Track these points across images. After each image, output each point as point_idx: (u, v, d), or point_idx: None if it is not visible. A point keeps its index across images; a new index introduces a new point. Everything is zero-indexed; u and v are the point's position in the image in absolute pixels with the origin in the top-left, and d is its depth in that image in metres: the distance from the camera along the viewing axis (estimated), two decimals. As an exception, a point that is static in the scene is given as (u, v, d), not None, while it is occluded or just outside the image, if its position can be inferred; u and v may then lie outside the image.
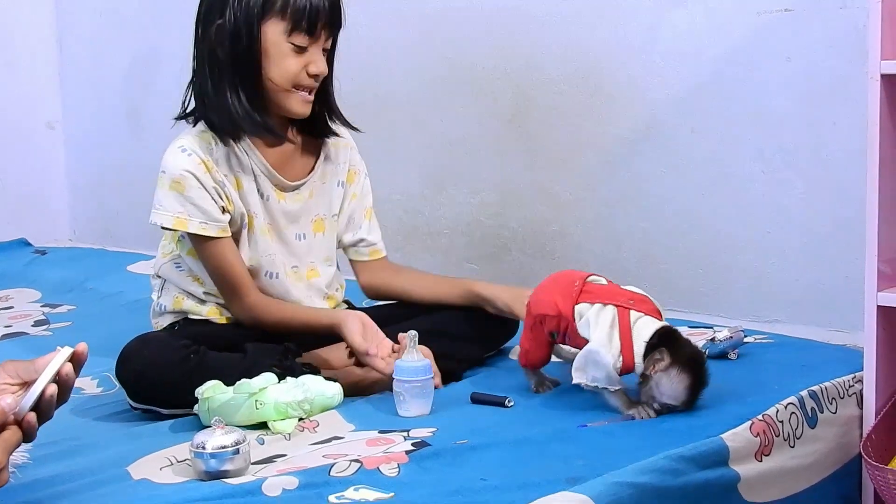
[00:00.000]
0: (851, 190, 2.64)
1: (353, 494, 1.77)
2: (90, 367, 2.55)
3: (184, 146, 2.38)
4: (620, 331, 2.09)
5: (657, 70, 2.96)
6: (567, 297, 2.16)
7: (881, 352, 2.20)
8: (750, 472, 1.99)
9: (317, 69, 2.37)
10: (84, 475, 1.90)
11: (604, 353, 2.08)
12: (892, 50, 2.13)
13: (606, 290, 2.15)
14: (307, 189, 2.50)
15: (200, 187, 2.35)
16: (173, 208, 2.35)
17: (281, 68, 2.36)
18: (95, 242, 4.24)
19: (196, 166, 2.36)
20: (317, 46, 2.38)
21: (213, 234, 2.36)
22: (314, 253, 2.52)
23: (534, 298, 2.23)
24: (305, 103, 2.41)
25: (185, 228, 2.35)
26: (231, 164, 2.41)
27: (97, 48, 4.23)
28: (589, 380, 2.10)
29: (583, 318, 2.12)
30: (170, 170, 2.37)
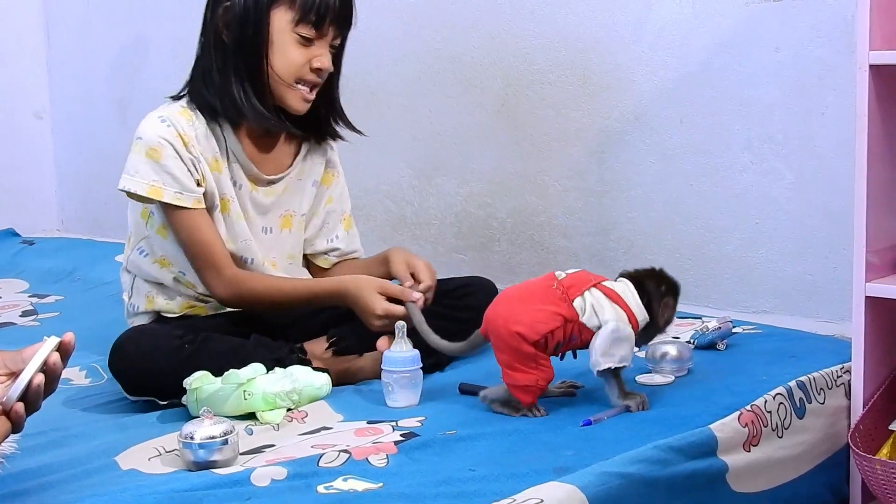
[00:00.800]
0: (840, 180, 2.65)
1: (342, 485, 1.77)
2: (78, 358, 2.56)
3: (163, 116, 2.36)
4: (617, 303, 2.07)
5: (645, 60, 2.96)
6: (558, 301, 2.07)
7: (869, 342, 2.20)
8: (738, 463, 1.99)
9: (321, 64, 2.35)
10: (72, 465, 1.90)
11: (623, 326, 2.06)
12: (881, 40, 2.13)
13: (579, 278, 2.11)
14: (282, 184, 2.48)
15: (177, 157, 2.32)
16: (148, 177, 2.31)
17: (285, 58, 2.35)
18: (83, 233, 4.23)
19: (174, 137, 2.33)
20: (323, 42, 2.36)
21: (188, 204, 2.32)
22: (277, 248, 2.49)
23: (523, 325, 2.05)
24: (304, 101, 2.39)
25: (159, 197, 2.31)
26: (209, 144, 2.38)
27: (85, 37, 4.22)
28: (618, 361, 2.05)
29: (585, 312, 2.07)
30: (147, 137, 2.33)
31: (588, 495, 1.71)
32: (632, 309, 2.08)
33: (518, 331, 2.05)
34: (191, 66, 2.45)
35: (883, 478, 2.08)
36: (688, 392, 2.16)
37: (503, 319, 2.08)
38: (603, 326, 2.05)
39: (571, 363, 2.20)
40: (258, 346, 2.27)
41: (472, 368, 2.39)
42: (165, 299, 2.43)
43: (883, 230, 2.21)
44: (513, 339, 2.05)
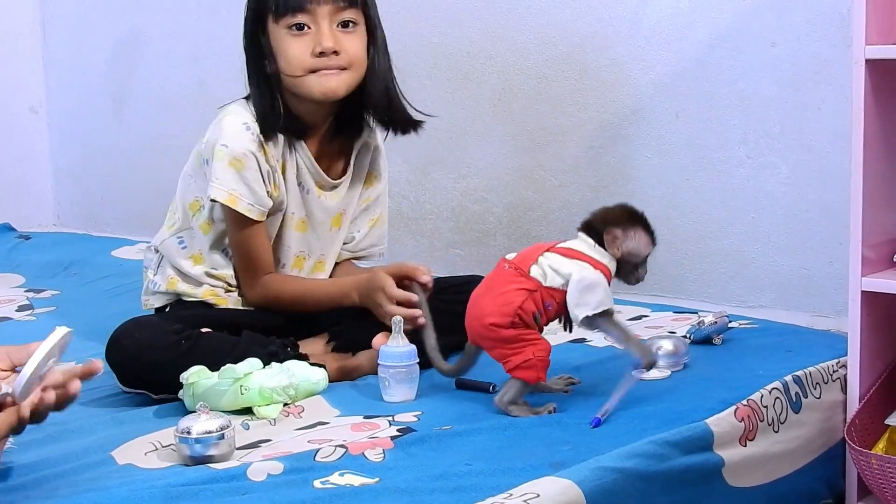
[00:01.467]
0: (836, 175, 2.65)
1: (339, 479, 1.77)
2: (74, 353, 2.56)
3: (248, 124, 2.35)
4: (574, 257, 2.07)
5: (642, 54, 2.96)
6: (515, 278, 2.07)
7: (865, 337, 2.21)
8: (734, 457, 2.00)
9: (322, 46, 2.31)
10: (69, 460, 1.90)
11: (587, 272, 2.05)
12: (877, 35, 2.13)
13: (529, 251, 2.10)
14: (344, 187, 2.50)
15: (257, 170, 2.34)
16: (228, 185, 2.33)
17: (286, 56, 2.34)
18: (79, 227, 4.22)
19: (257, 147, 2.34)
20: (321, 21, 2.32)
21: (255, 217, 2.36)
22: (327, 246, 2.53)
23: (492, 315, 2.06)
24: (328, 79, 2.34)
25: (234, 206, 2.33)
26: (281, 149, 2.40)
27: (80, 31, 4.21)
28: (594, 307, 2.03)
29: (546, 276, 2.06)
30: (232, 146, 2.33)
31: (584, 490, 1.71)
32: (591, 256, 2.07)
33: (490, 322, 2.06)
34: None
35: (879, 472, 2.09)
36: (684, 387, 2.16)
37: (475, 320, 2.09)
38: (568, 282, 2.05)
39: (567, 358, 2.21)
40: (252, 343, 2.27)
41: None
42: (189, 286, 2.45)
43: (879, 225, 2.21)
44: (490, 331, 2.06)
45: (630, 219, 2.12)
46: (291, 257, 2.48)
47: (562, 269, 2.06)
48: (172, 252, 2.47)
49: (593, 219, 2.13)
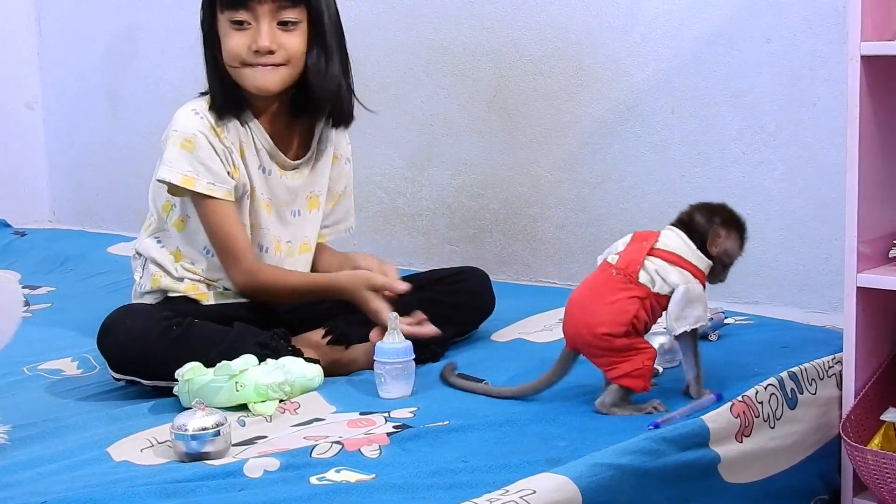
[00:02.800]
0: (831, 171, 2.65)
1: (335, 476, 1.77)
2: (70, 349, 2.57)
3: (196, 109, 2.40)
4: (677, 264, 2.07)
5: (637, 51, 2.96)
6: (625, 285, 2.05)
7: (860, 333, 2.21)
8: (730, 453, 2.00)
9: (257, 45, 2.35)
10: (64, 456, 1.90)
11: (692, 287, 2.06)
12: (872, 31, 2.13)
13: (631, 255, 2.08)
14: (307, 167, 2.52)
15: (210, 148, 2.36)
16: (182, 167, 2.35)
17: (225, 46, 2.39)
18: (75, 224, 4.23)
19: (207, 129, 2.37)
20: (262, 20, 2.36)
21: (220, 195, 2.37)
22: (307, 228, 2.54)
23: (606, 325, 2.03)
24: (261, 75, 2.38)
25: (192, 187, 2.35)
26: (239, 134, 2.42)
27: (76, 27, 4.21)
28: (692, 322, 2.05)
29: (655, 283, 2.05)
30: (182, 128, 2.37)
31: (580, 486, 1.71)
32: (692, 262, 2.08)
33: (603, 332, 2.04)
34: None
35: (874, 468, 2.09)
36: (679, 383, 2.16)
37: (585, 327, 2.06)
38: (675, 291, 2.05)
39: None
40: (243, 332, 2.28)
41: (465, 359, 2.40)
42: (171, 281, 2.46)
43: (874, 220, 2.21)
44: (602, 341, 2.04)
45: (733, 219, 2.13)
46: (272, 240, 2.48)
47: (669, 277, 2.06)
48: (152, 250, 2.48)
49: (696, 214, 2.12)
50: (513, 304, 2.73)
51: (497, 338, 2.57)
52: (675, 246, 2.09)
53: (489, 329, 2.59)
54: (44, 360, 2.50)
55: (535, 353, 2.42)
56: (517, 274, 3.24)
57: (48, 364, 2.48)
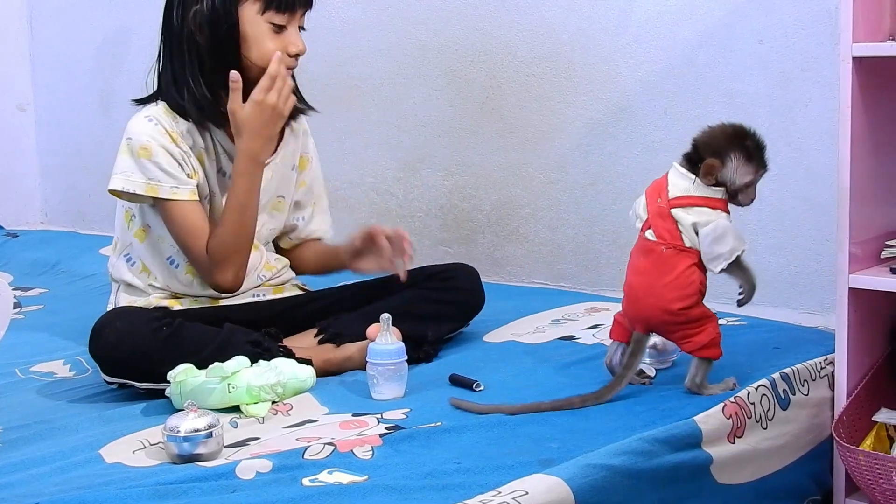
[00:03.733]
0: (823, 172, 2.66)
1: (327, 477, 1.77)
2: (62, 351, 2.57)
3: (150, 116, 2.38)
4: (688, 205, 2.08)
5: (630, 52, 2.96)
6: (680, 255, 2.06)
7: (853, 334, 2.21)
8: (722, 454, 2.00)
9: (297, 49, 2.37)
10: (56, 458, 1.90)
11: (714, 223, 2.06)
12: (864, 32, 2.13)
13: (659, 218, 2.09)
14: (269, 171, 2.48)
15: (168, 153, 2.34)
16: (144, 175, 2.33)
17: (261, 50, 2.35)
18: (67, 225, 4.22)
19: (162, 135, 2.35)
20: (293, 24, 2.37)
21: (185, 196, 2.34)
22: (260, 233, 2.50)
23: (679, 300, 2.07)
24: (287, 77, 2.38)
25: (156, 194, 2.33)
26: (194, 140, 2.40)
27: (68, 28, 4.20)
28: (727, 257, 2.06)
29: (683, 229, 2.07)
30: (136, 136, 2.35)
31: (573, 487, 1.71)
32: (703, 196, 2.08)
33: (679, 307, 2.07)
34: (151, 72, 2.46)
35: (866, 468, 2.09)
36: (672, 384, 2.16)
37: (657, 309, 2.08)
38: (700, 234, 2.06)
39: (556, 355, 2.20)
40: (234, 333, 2.28)
41: (457, 360, 2.40)
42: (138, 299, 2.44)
43: (866, 221, 2.21)
44: (680, 316, 2.08)
45: (728, 143, 2.10)
46: None
47: (688, 217, 2.07)
48: (124, 272, 2.46)
49: (695, 147, 2.13)
50: (505, 305, 2.74)
51: (490, 338, 2.57)
52: (683, 187, 2.10)
53: (481, 330, 2.59)
54: (36, 361, 2.50)
55: (527, 353, 2.42)
56: (509, 275, 3.24)
57: (40, 366, 2.47)
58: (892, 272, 2.19)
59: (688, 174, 2.11)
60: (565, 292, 3.00)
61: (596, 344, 2.42)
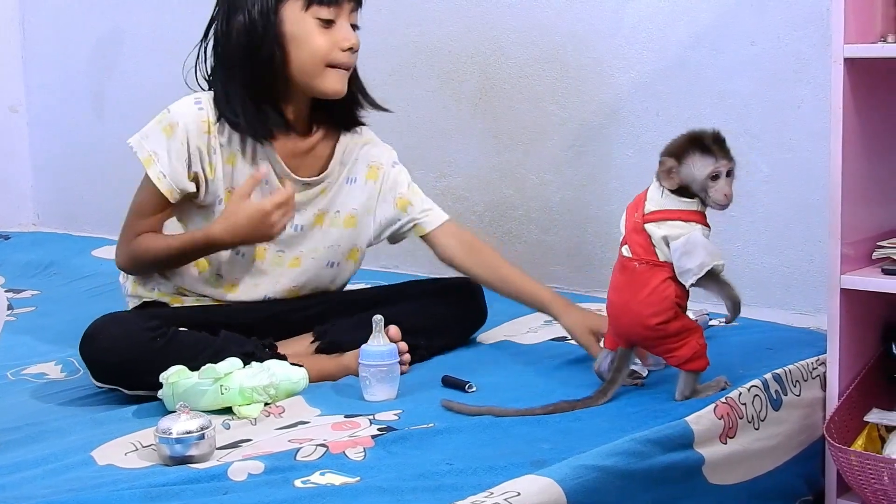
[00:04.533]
0: (815, 173, 2.66)
1: (320, 479, 1.77)
2: (53, 352, 2.57)
3: (200, 99, 2.36)
4: (660, 219, 2.07)
5: (622, 53, 2.96)
6: (654, 270, 2.06)
7: (844, 334, 2.21)
8: (714, 455, 2.00)
9: (349, 42, 2.32)
10: (48, 461, 1.90)
11: (692, 236, 2.05)
12: (856, 33, 2.14)
13: (635, 233, 2.09)
14: (320, 187, 2.46)
15: (183, 145, 2.32)
16: (153, 146, 2.33)
17: (310, 48, 2.31)
18: (59, 227, 4.21)
19: (198, 123, 2.33)
20: (343, 18, 2.33)
21: (161, 188, 2.32)
22: (305, 244, 2.47)
23: (656, 315, 2.06)
24: (342, 80, 2.36)
25: (147, 166, 2.32)
26: (232, 139, 2.36)
27: (60, 29, 4.20)
28: (698, 270, 2.04)
29: (656, 244, 2.07)
30: (174, 112, 2.34)
31: (565, 488, 1.71)
32: (674, 209, 2.07)
33: (656, 322, 2.06)
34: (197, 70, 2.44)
35: (858, 469, 2.09)
36: (664, 385, 2.16)
37: (635, 325, 2.08)
38: (672, 248, 2.06)
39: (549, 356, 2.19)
40: (228, 341, 2.27)
41: (451, 361, 2.40)
42: (144, 289, 2.44)
43: (858, 222, 2.22)
44: (657, 331, 2.07)
45: (683, 142, 2.10)
46: (251, 248, 2.41)
47: (661, 231, 2.06)
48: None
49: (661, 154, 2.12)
50: (498, 307, 2.73)
51: (483, 339, 2.57)
52: (655, 200, 2.09)
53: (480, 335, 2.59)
54: (28, 364, 2.49)
55: (521, 354, 2.43)
56: (502, 276, 3.23)
57: (32, 368, 2.47)
58: (883, 273, 2.19)
59: (656, 186, 2.11)
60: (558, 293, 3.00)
61: (588, 345, 2.42)
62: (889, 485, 2.06)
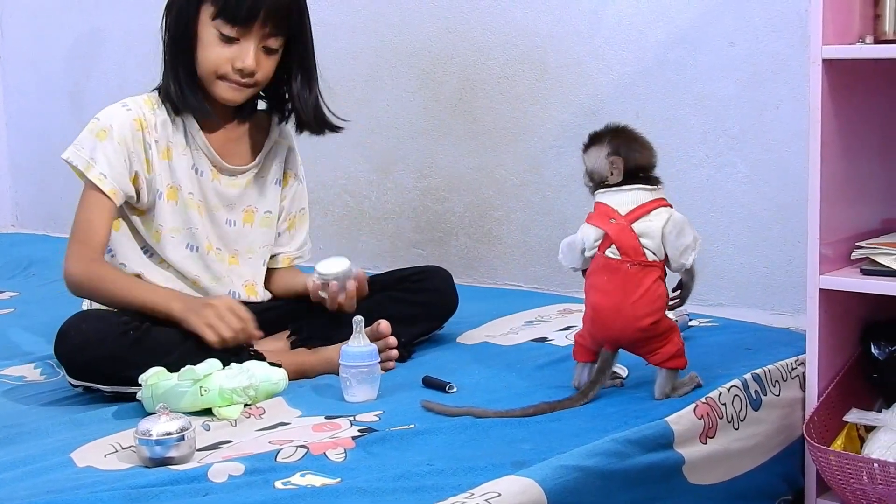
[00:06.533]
0: (794, 173, 2.67)
1: (300, 480, 1.77)
2: (32, 354, 2.55)
3: (126, 103, 2.40)
4: (642, 214, 2.08)
5: (602, 54, 2.97)
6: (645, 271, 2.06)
7: (823, 334, 2.22)
8: (694, 455, 2.01)
9: (243, 64, 2.34)
10: (27, 462, 1.89)
11: (674, 215, 2.09)
12: (834, 35, 2.15)
13: (624, 237, 2.08)
14: (245, 178, 2.49)
15: (121, 144, 2.34)
16: (89, 153, 2.34)
17: (206, 54, 2.36)
18: (38, 227, 4.20)
19: (130, 123, 2.36)
20: (249, 40, 2.34)
21: (104, 188, 2.33)
22: (240, 242, 2.50)
23: (648, 315, 2.06)
24: (233, 90, 2.38)
25: (87, 172, 2.33)
26: (167, 132, 2.40)
27: (38, 29, 4.18)
28: (693, 242, 2.09)
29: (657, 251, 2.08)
30: (103, 119, 2.37)
31: (546, 489, 1.71)
32: (649, 199, 2.09)
33: (648, 322, 2.06)
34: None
35: (837, 468, 2.10)
36: (644, 385, 2.16)
37: (628, 328, 2.07)
38: (663, 234, 2.07)
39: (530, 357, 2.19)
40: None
41: (431, 362, 2.40)
42: None
43: (836, 223, 2.23)
44: (650, 331, 2.07)
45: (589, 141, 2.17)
46: (202, 240, 2.44)
47: (646, 241, 2.07)
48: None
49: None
50: (479, 307, 2.74)
51: (463, 340, 2.57)
52: (629, 201, 2.10)
53: (455, 332, 2.59)
54: (6, 365, 2.48)
55: (501, 355, 2.43)
56: (483, 277, 3.24)
57: (10, 370, 2.46)
58: (862, 273, 2.20)
59: (628, 187, 2.11)
60: (538, 294, 3.01)
61: (569, 345, 2.41)
62: (868, 484, 2.07)
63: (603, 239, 2.10)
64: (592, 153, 2.15)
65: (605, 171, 2.12)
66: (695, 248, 2.09)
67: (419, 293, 2.51)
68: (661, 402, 2.07)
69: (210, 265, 2.45)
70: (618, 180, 2.11)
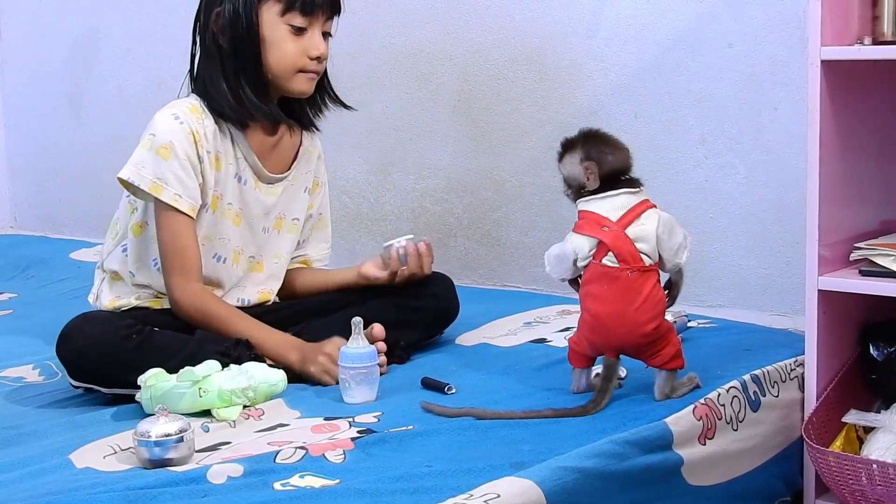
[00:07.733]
0: (792, 174, 2.67)
1: (299, 481, 1.77)
2: (31, 355, 2.55)
3: (177, 114, 2.35)
4: (634, 217, 2.08)
5: (600, 55, 2.97)
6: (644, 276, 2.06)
7: (822, 335, 2.22)
8: (693, 456, 2.01)
9: (318, 51, 2.37)
10: (26, 464, 1.89)
11: (662, 215, 2.08)
12: (832, 36, 2.15)
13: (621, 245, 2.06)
14: (281, 185, 2.49)
15: (186, 160, 2.32)
16: (154, 173, 2.31)
17: (281, 52, 2.36)
18: (37, 229, 4.20)
19: (186, 136, 2.33)
20: (315, 28, 2.37)
21: (183, 208, 2.32)
22: (269, 248, 2.51)
23: (651, 321, 2.06)
24: (310, 81, 2.40)
25: (158, 194, 2.30)
26: (217, 142, 2.39)
27: (37, 30, 4.18)
28: (685, 241, 2.10)
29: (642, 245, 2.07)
30: (160, 134, 2.33)
31: (544, 490, 1.72)
32: (637, 202, 2.08)
33: (652, 328, 2.06)
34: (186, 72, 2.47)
35: (836, 470, 2.10)
36: (643, 386, 2.17)
37: (631, 335, 2.06)
38: (657, 235, 2.07)
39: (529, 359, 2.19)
40: (204, 341, 2.27)
41: (430, 363, 2.40)
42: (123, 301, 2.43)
43: (835, 224, 2.23)
44: (651, 335, 2.06)
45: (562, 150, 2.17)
46: (230, 252, 2.44)
47: (642, 244, 2.07)
48: (115, 261, 2.44)
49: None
50: (477, 309, 2.74)
51: (462, 342, 2.57)
52: (618, 207, 2.09)
53: (454, 333, 2.59)
54: (5, 367, 2.48)
55: (499, 357, 2.43)
56: (481, 278, 3.24)
57: (9, 371, 2.46)
58: (860, 274, 2.20)
59: (613, 193, 2.10)
60: (537, 295, 3.01)
61: (567, 347, 2.42)
62: (867, 485, 2.07)
63: (597, 248, 2.08)
64: (567, 160, 2.14)
65: (581, 178, 2.11)
66: (686, 245, 2.10)
67: (419, 299, 2.50)
68: (659, 403, 2.07)
69: (229, 275, 2.46)
70: (595, 185, 2.09)
